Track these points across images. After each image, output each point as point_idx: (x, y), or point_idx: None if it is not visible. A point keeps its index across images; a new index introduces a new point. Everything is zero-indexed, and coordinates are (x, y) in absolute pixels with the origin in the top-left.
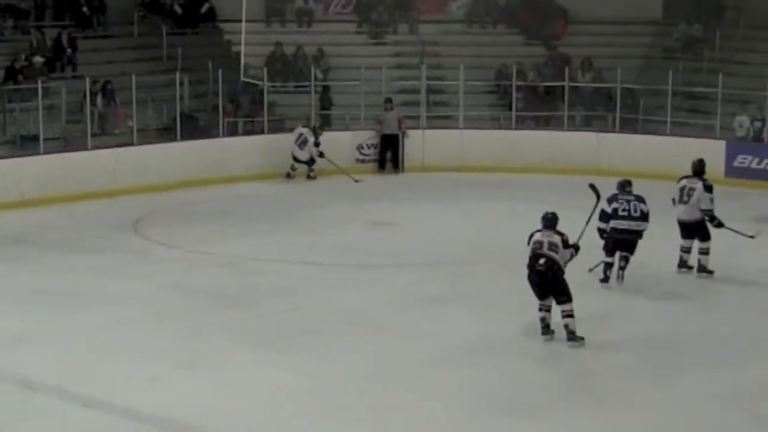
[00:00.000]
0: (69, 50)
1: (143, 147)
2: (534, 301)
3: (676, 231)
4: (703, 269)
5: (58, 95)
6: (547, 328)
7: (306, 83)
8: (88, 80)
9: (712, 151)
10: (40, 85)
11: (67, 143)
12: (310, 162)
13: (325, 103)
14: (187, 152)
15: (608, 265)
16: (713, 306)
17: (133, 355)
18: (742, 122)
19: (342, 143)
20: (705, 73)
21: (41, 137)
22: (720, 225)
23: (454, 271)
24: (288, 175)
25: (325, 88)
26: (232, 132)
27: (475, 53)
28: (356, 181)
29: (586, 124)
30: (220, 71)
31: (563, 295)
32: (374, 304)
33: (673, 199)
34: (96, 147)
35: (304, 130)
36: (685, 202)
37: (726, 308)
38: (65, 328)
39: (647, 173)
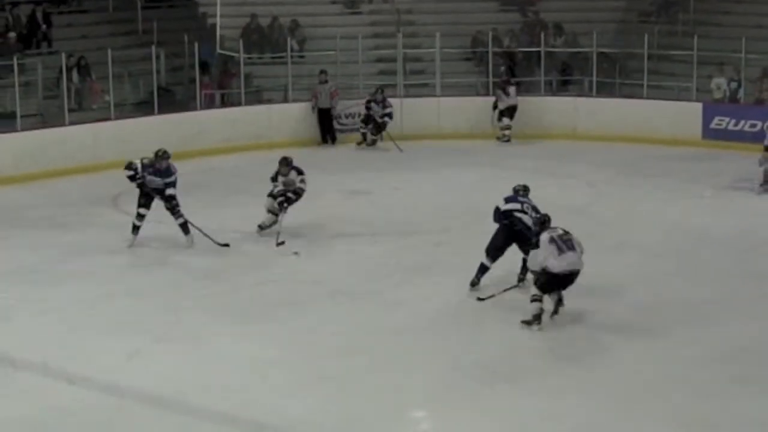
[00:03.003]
0: (44, 26)
1: (121, 122)
2: (511, 270)
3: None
4: None
5: (33, 71)
6: None
7: (282, 54)
8: (63, 56)
9: (689, 114)
10: (15, 61)
11: (44, 119)
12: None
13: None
14: (164, 126)
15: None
16: (692, 267)
17: (113, 330)
18: (719, 84)
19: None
20: (680, 35)
21: (18, 114)
22: None
23: (432, 239)
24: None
25: None
26: (209, 105)
27: (450, 21)
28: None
29: (563, 89)
30: (196, 44)
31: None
32: (352, 274)
33: None
34: (73, 122)
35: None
36: None
37: (705, 269)
38: (46, 305)
39: (624, 137)
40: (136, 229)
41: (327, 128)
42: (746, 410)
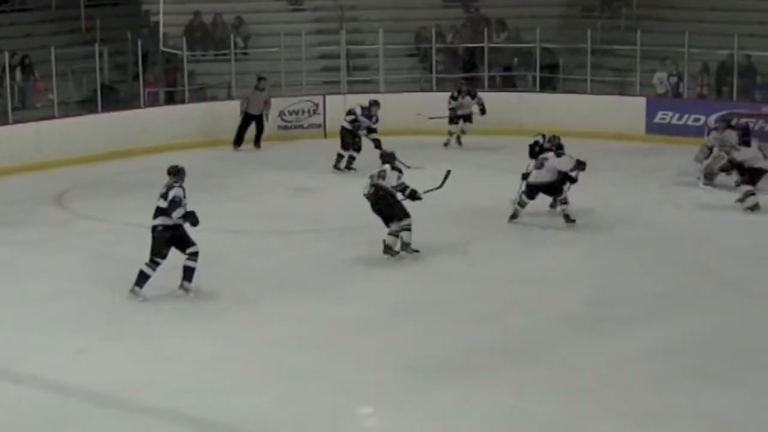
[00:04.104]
0: None
1: (65, 120)
2: (453, 259)
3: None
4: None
5: None
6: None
7: (226, 51)
8: (6, 54)
9: (633, 108)
10: None
11: None
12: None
13: None
14: (108, 124)
15: None
16: (642, 261)
17: (59, 328)
18: (662, 78)
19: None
20: (623, 30)
21: None
22: None
23: (379, 235)
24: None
25: None
26: (153, 102)
27: (393, 17)
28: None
29: (507, 85)
30: (139, 42)
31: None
32: (301, 271)
33: None
34: (17, 121)
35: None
36: None
37: (654, 263)
38: None
39: (569, 132)
40: (145, 278)
41: (258, 132)
42: (701, 403)
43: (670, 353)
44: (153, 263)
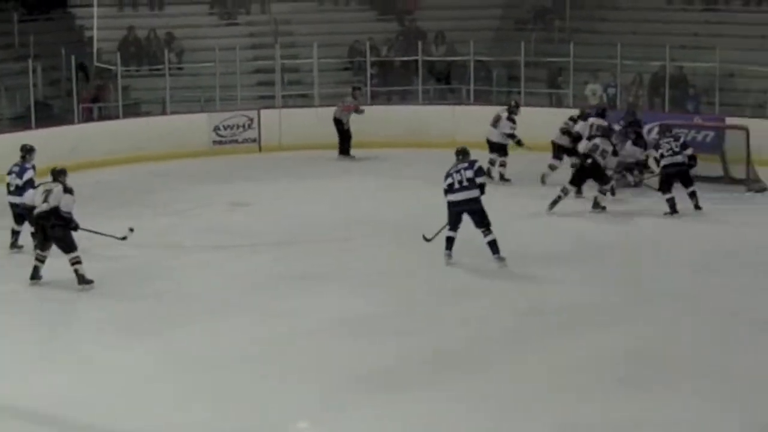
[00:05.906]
0: None
1: None
2: (389, 272)
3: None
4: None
5: None
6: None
7: (160, 66)
8: None
9: (565, 120)
10: None
11: None
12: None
13: None
14: (42, 140)
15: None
16: (577, 273)
17: None
18: (595, 90)
19: (198, 125)
20: (557, 43)
21: None
22: None
23: (313, 248)
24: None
25: None
26: (88, 118)
27: (327, 31)
28: None
29: (441, 98)
30: (73, 57)
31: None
32: (235, 286)
33: None
34: None
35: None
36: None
37: (589, 275)
38: None
39: None
40: (452, 241)
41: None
42: (638, 412)
43: (607, 363)
44: (454, 229)
